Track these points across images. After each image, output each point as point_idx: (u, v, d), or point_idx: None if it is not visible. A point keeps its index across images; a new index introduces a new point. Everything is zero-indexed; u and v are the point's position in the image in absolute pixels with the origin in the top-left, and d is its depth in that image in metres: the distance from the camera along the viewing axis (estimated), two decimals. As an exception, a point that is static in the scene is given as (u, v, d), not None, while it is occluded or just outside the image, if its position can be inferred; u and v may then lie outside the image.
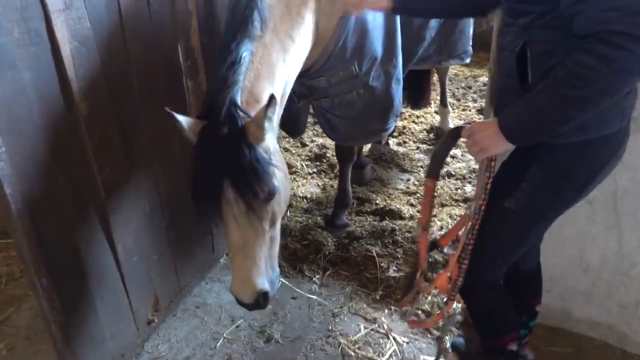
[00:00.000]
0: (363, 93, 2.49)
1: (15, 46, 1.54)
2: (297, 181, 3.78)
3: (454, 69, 5.96)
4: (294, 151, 4.24)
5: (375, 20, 2.38)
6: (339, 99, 2.50)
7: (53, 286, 1.80)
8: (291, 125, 2.87)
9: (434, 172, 1.65)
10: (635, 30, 1.06)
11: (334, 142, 3.08)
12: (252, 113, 1.73)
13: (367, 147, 4.12)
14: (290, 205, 3.42)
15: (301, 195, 3.56)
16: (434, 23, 2.94)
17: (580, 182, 1.46)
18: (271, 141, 1.79)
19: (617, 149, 1.43)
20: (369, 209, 3.34)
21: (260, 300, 1.80)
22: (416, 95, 4.24)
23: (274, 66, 1.92)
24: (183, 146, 2.34)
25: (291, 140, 4.39)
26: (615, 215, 2.02)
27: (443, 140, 1.62)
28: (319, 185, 3.74)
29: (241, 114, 1.71)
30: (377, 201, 3.42)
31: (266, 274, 1.82)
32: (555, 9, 1.25)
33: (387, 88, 2.56)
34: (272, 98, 1.62)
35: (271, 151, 1.77)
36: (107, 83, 1.89)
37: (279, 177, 1.79)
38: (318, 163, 4.05)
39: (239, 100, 1.74)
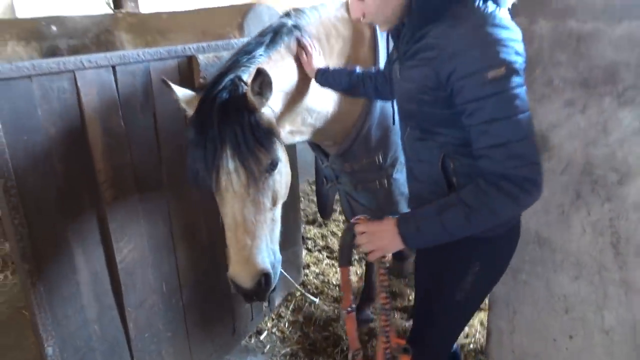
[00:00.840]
0: (386, 185, 2.54)
1: (52, 142, 1.81)
2: (335, 267, 3.80)
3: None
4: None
5: None
6: (362, 185, 2.57)
7: (60, 354, 1.96)
8: (320, 206, 3.07)
9: (344, 262, 1.71)
10: (534, 176, 1.26)
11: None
12: None
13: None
14: (321, 292, 3.44)
15: (335, 282, 3.57)
16: None
17: (508, 261, 1.65)
18: (270, 120, 1.74)
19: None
20: (399, 305, 3.26)
21: (262, 282, 1.65)
22: None
23: (286, 82, 2.01)
24: (209, 234, 2.54)
25: (340, 224, 4.46)
26: (635, 351, 1.83)
27: (343, 235, 1.65)
28: (357, 273, 3.73)
29: (245, 86, 1.70)
30: (411, 297, 3.34)
31: (268, 255, 1.69)
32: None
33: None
34: (258, 71, 1.59)
35: (272, 124, 1.73)
36: (135, 176, 2.12)
37: (281, 156, 1.76)
38: (361, 250, 4.05)
39: (245, 77, 1.76)
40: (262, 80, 1.62)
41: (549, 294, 2.00)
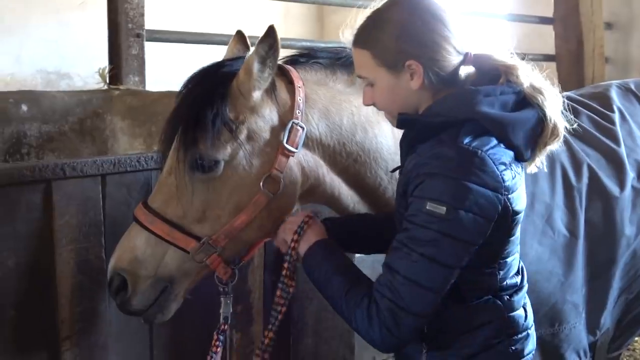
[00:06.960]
0: None
1: (7, 278, 1.53)
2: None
3: None
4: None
5: None
6: None
7: None
8: None
9: None
10: (392, 317, 1.32)
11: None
12: None
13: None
14: None
15: None
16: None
17: None
18: (259, 119, 1.52)
19: None
20: None
21: (114, 283, 1.46)
22: None
23: None
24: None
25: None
26: None
27: None
28: None
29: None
30: None
31: (143, 267, 1.45)
32: None
33: None
34: (270, 28, 1.44)
35: (253, 129, 1.50)
36: (108, 331, 1.75)
37: (235, 162, 1.49)
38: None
39: None
40: (272, 43, 1.45)
41: None
